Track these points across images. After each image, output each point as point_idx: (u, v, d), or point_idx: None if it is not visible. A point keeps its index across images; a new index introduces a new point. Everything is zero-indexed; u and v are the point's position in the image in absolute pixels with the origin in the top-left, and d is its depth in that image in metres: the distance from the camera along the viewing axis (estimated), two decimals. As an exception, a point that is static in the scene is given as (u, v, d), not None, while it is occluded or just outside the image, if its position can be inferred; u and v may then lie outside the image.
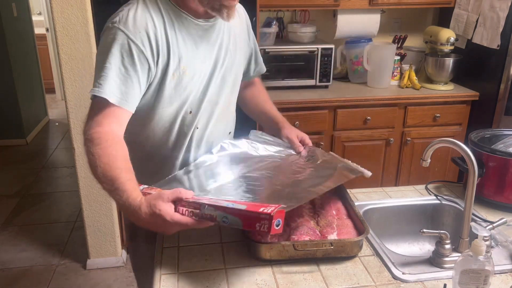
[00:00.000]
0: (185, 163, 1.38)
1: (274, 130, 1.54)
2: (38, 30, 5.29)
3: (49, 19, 5.29)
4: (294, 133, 1.49)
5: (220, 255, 1.18)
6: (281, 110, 2.69)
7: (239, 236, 1.24)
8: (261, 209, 0.94)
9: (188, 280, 1.08)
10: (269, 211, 0.93)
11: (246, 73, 1.55)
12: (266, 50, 2.65)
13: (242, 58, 1.45)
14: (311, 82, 2.76)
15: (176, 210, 1.01)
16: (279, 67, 2.71)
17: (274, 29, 2.75)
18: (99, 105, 1.14)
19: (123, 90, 1.15)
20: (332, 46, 2.73)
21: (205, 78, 1.31)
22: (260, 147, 1.48)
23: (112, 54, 1.15)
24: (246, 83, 1.60)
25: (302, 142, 1.48)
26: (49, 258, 2.85)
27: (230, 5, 1.20)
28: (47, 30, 5.56)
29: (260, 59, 1.58)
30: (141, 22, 1.18)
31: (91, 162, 1.08)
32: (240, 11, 1.43)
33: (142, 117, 1.27)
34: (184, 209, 1.00)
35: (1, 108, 4.48)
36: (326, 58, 2.72)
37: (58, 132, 5.05)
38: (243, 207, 0.96)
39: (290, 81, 2.74)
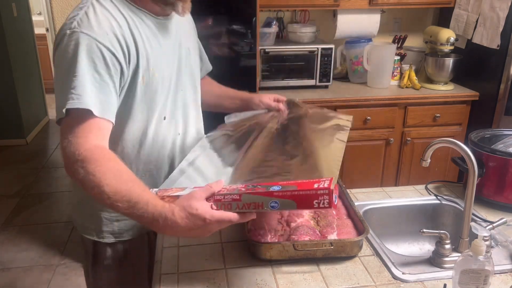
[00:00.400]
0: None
1: (242, 105, 1.47)
2: (38, 30, 5.28)
3: (49, 19, 5.28)
4: (266, 96, 1.44)
5: (220, 255, 1.18)
6: (281, 110, 2.68)
7: (239, 236, 1.24)
8: (315, 185, 0.89)
9: (188, 280, 1.08)
10: (326, 185, 0.88)
11: None
12: (266, 50, 2.65)
13: (197, 55, 1.40)
14: (311, 82, 2.76)
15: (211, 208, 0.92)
16: (279, 67, 2.71)
17: (274, 29, 2.75)
18: (79, 119, 1.01)
19: (102, 99, 1.03)
20: (332, 46, 2.73)
21: (173, 79, 1.23)
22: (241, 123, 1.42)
23: (81, 62, 1.01)
24: None
25: (277, 100, 1.44)
26: (49, 258, 2.85)
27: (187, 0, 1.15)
28: (47, 30, 5.55)
29: (205, 57, 1.50)
30: (105, 23, 1.06)
31: (92, 183, 0.96)
32: None
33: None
34: (220, 204, 0.93)
35: (1, 108, 4.48)
36: (326, 58, 2.72)
37: (58, 132, 4.99)
38: (293, 187, 0.90)
39: (290, 81, 2.74)
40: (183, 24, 1.30)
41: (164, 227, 0.92)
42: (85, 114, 1.01)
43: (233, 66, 2.49)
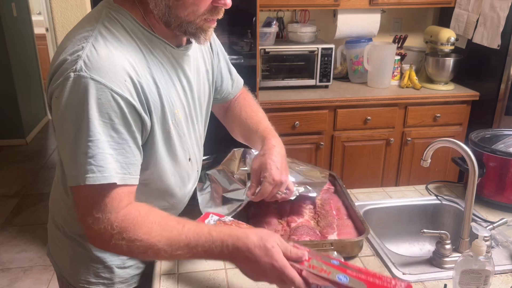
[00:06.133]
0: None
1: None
2: (38, 30, 5.28)
3: (49, 19, 5.27)
4: (275, 171, 1.10)
5: (220, 255, 1.18)
6: (281, 110, 2.70)
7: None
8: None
9: (188, 280, 1.08)
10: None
11: (226, 93, 1.30)
12: (266, 50, 2.65)
13: (211, 76, 1.19)
14: (311, 82, 2.76)
15: None
16: (279, 67, 2.70)
17: (274, 29, 2.75)
18: (103, 192, 0.86)
19: (122, 162, 0.87)
20: (332, 46, 2.73)
21: (191, 115, 1.08)
22: None
23: (94, 120, 0.82)
24: (229, 103, 1.34)
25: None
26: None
27: (210, 28, 0.98)
28: (47, 30, 5.54)
29: (234, 71, 1.32)
30: (120, 63, 0.85)
31: (142, 248, 0.87)
32: None
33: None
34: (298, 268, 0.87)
35: (1, 108, 4.48)
36: (326, 58, 2.72)
37: (58, 132, 5.05)
38: (362, 285, 0.84)
39: (290, 81, 2.74)
40: (196, 45, 1.09)
41: (234, 251, 0.86)
42: (110, 187, 0.86)
43: (233, 66, 2.49)
